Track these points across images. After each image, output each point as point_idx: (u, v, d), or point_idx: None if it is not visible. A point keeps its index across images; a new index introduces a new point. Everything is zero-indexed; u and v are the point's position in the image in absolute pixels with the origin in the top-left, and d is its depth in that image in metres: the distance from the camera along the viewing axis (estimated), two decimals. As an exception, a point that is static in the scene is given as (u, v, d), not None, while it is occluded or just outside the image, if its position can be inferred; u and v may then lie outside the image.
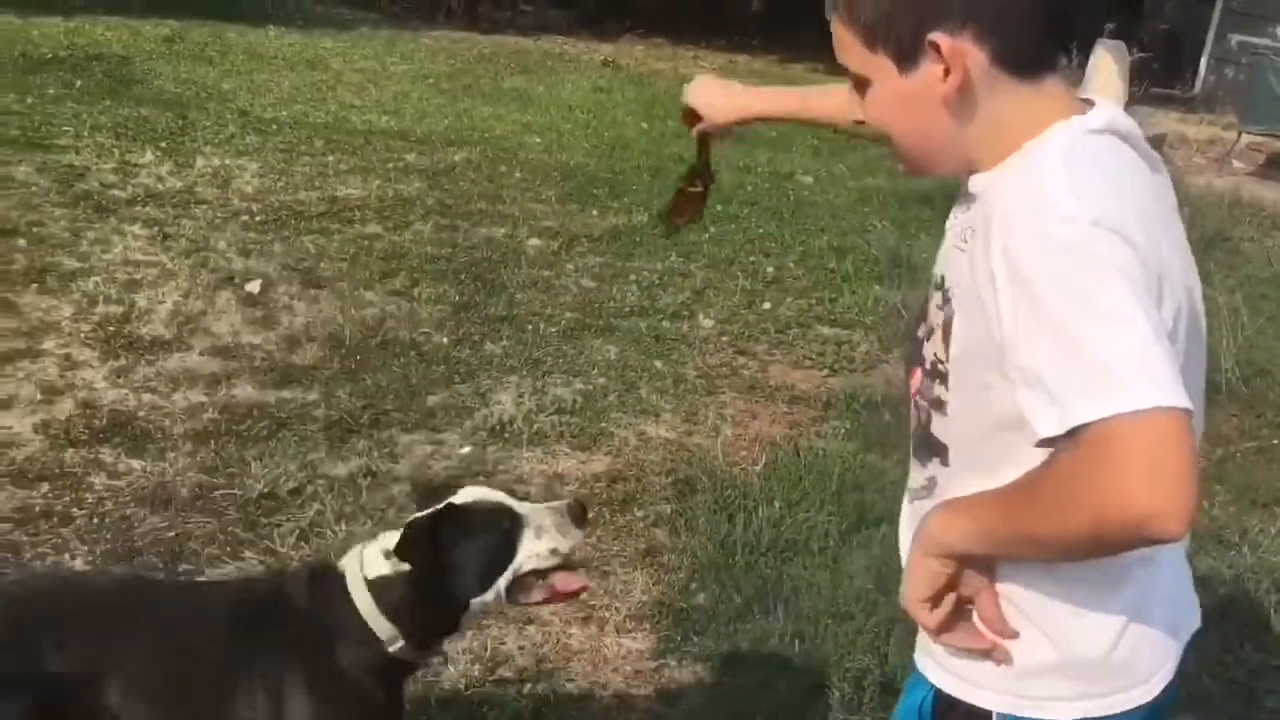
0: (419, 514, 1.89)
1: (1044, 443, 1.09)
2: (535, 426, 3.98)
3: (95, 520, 3.18)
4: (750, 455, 3.97)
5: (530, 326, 4.87)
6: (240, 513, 3.28)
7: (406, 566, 1.82)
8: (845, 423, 4.28)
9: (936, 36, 1.18)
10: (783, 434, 4.18)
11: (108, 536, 3.11)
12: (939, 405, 1.29)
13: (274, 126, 7.82)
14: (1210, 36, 14.95)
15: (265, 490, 3.38)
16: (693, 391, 4.46)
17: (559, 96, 10.27)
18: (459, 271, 5.44)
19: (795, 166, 8.42)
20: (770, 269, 5.98)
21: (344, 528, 3.23)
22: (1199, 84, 14.89)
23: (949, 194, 5.42)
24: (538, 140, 8.49)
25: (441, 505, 1.89)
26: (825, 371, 4.81)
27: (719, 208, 7.05)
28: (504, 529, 1.86)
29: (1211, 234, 6.92)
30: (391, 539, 1.85)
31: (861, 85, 1.28)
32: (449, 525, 1.84)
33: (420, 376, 4.28)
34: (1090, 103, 1.25)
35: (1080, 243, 1.08)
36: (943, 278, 1.29)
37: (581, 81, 11.25)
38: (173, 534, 3.16)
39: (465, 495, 1.92)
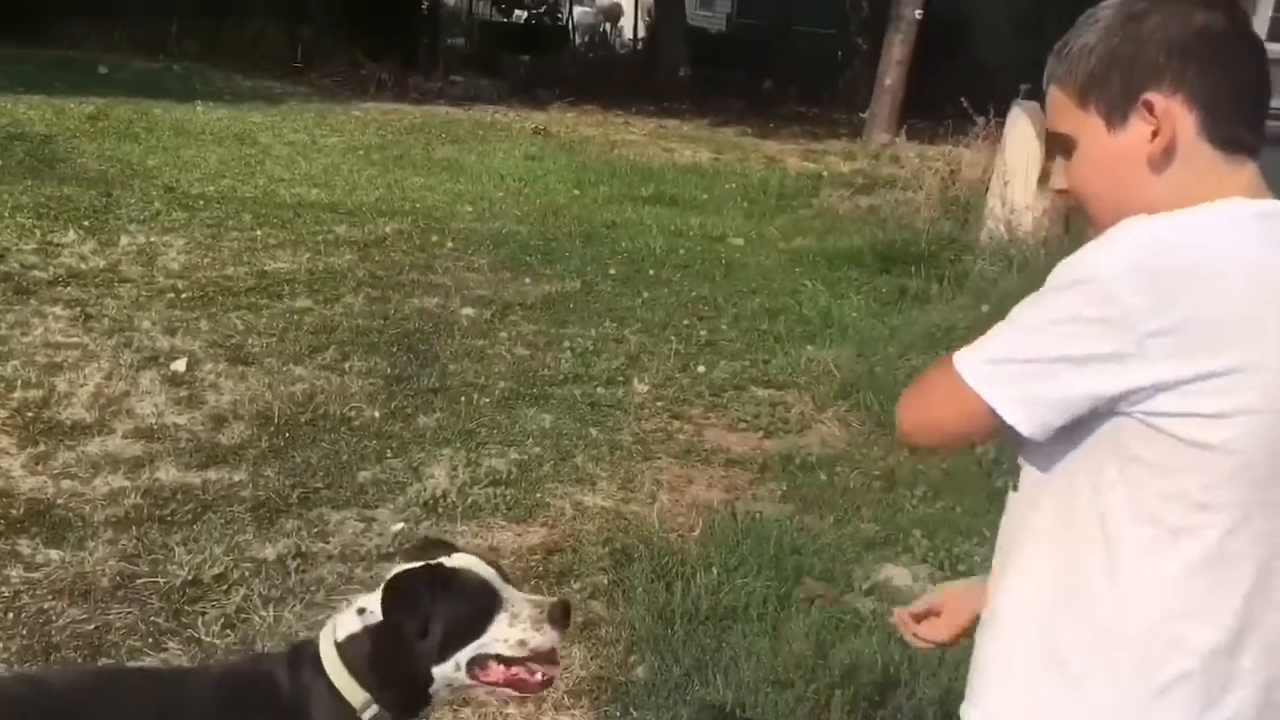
0: (407, 566, 1.87)
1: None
2: (470, 499, 3.93)
3: (10, 615, 3.06)
4: (687, 521, 3.94)
5: (464, 397, 4.83)
6: (163, 601, 3.18)
7: (377, 619, 1.79)
8: (781, 485, 4.28)
9: (1151, 96, 1.25)
10: (719, 498, 4.16)
11: (23, 632, 2.99)
12: None
13: (201, 202, 7.75)
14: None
15: (189, 577, 3.28)
16: (629, 458, 4.44)
17: (490, 165, 10.32)
18: (391, 343, 5.39)
19: (727, 229, 8.51)
20: (704, 332, 6.00)
21: (272, 612, 3.14)
22: None
23: (879, 253, 5.53)
24: (469, 209, 8.50)
25: (428, 562, 1.86)
26: (760, 433, 4.82)
27: (651, 272, 7.11)
28: (481, 604, 1.82)
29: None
30: (368, 598, 1.83)
31: (1069, 149, 1.34)
32: (429, 582, 1.81)
33: (351, 452, 4.21)
34: None
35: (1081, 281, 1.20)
36: None
37: (513, 150, 11.32)
38: (92, 626, 3.04)
39: (455, 560, 1.89)
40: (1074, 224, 7.56)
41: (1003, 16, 23.07)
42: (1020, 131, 7.43)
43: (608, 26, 25.79)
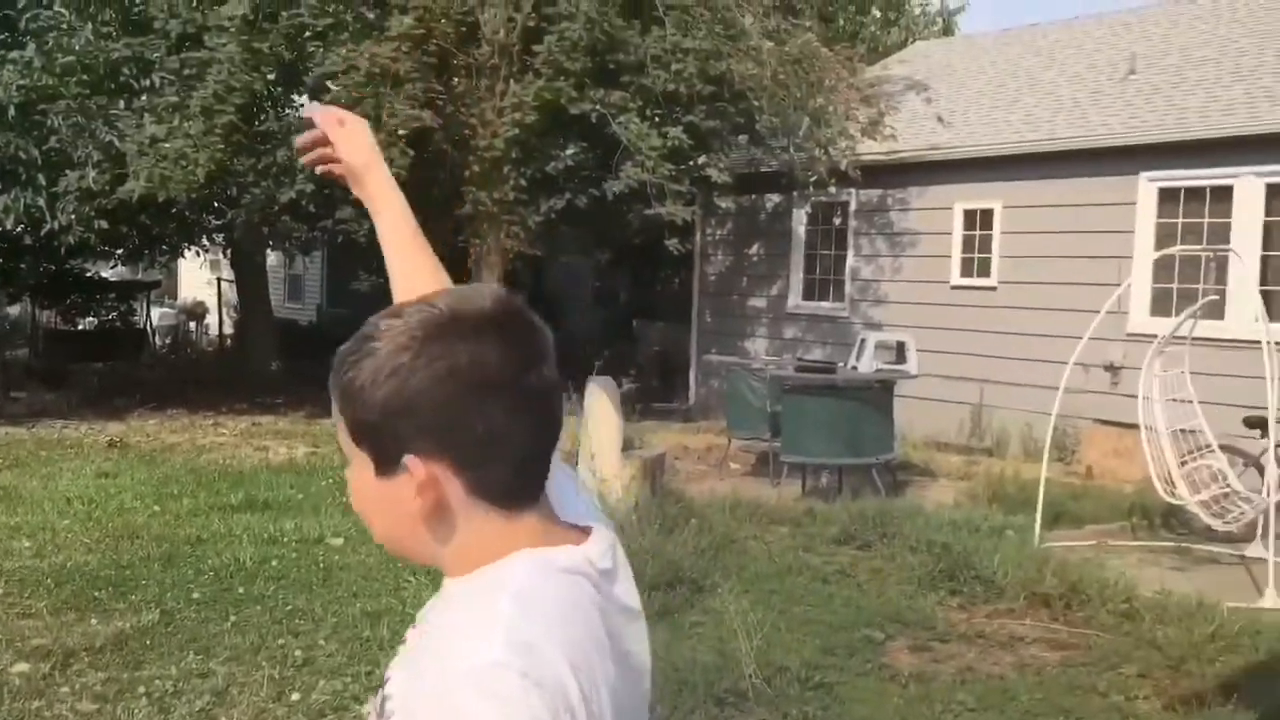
0: None
1: None
2: None
3: None
4: None
5: (11, 778, 4.16)
6: None
7: None
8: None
9: (410, 461, 1.17)
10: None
11: None
12: None
13: None
14: (693, 355, 16.92)
15: None
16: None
17: (55, 489, 9.42)
18: (-82, 725, 4.60)
19: (325, 530, 8.19)
20: (299, 651, 5.62)
21: None
22: (692, 397, 16.66)
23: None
24: (28, 544, 7.63)
25: None
26: (366, 758, 4.48)
27: (241, 590, 6.65)
28: None
29: (720, 538, 7.50)
30: None
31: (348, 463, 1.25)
32: None
33: None
34: (584, 532, 1.26)
35: (479, 683, 1.06)
36: (387, 679, 1.23)
37: (84, 468, 10.44)
38: None
39: None
40: (658, 489, 7.99)
41: (584, 287, 24.93)
42: (600, 404, 7.85)
43: (192, 325, 25.07)
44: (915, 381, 11.51)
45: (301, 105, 14.34)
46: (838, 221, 14.91)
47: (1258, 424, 8.13)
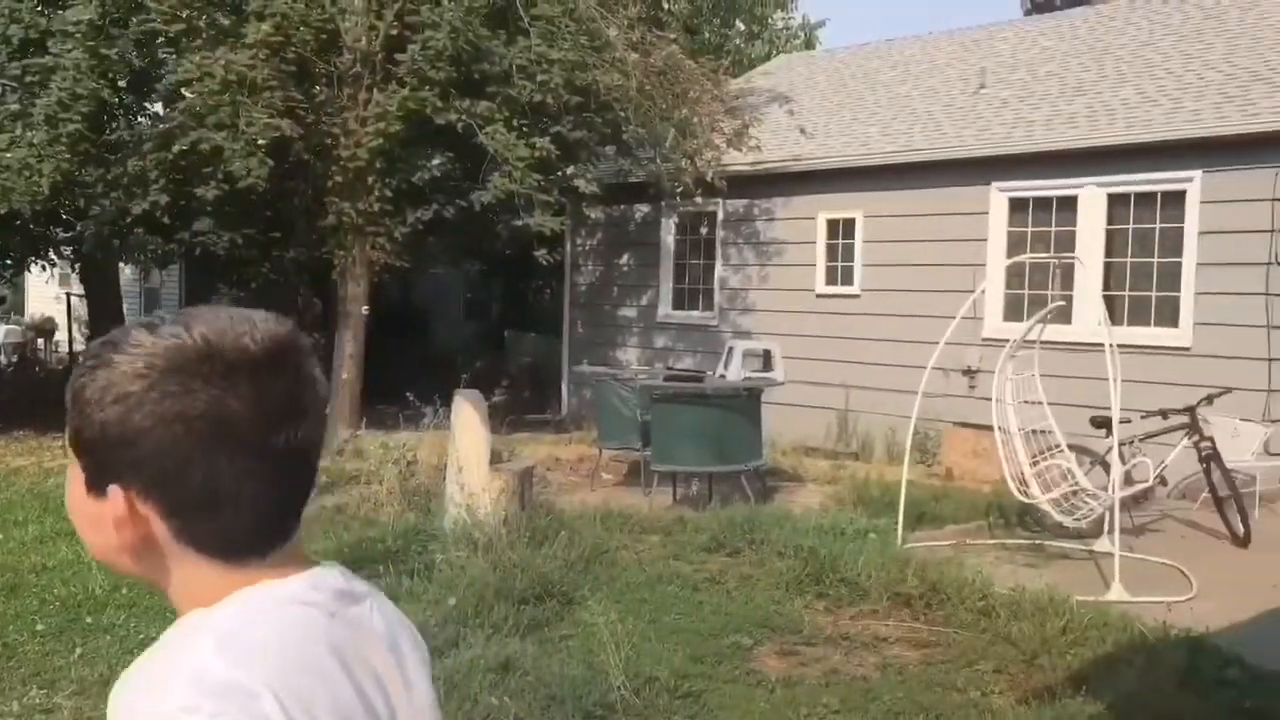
0: None
1: None
2: None
3: None
4: None
5: None
6: None
7: None
8: None
9: (114, 492, 1.08)
10: None
11: None
12: None
13: None
14: (564, 365, 16.89)
15: None
16: None
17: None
18: None
19: (181, 553, 7.89)
20: (153, 681, 5.39)
21: None
22: (564, 408, 16.63)
23: (345, 555, 5.29)
24: None
25: None
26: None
27: (89, 619, 6.35)
28: None
29: (590, 550, 7.48)
30: None
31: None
32: None
33: None
34: (313, 563, 1.20)
35: None
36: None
37: (-81, 495, 9.87)
38: None
39: None
40: (527, 501, 7.94)
41: (455, 299, 24.67)
42: (466, 417, 7.76)
43: (40, 342, 23.98)
44: (784, 388, 11.70)
45: (155, 113, 13.85)
46: (705, 231, 15.08)
47: (1103, 424, 8.49)
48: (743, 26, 25.63)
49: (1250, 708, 5.10)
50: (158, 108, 13.89)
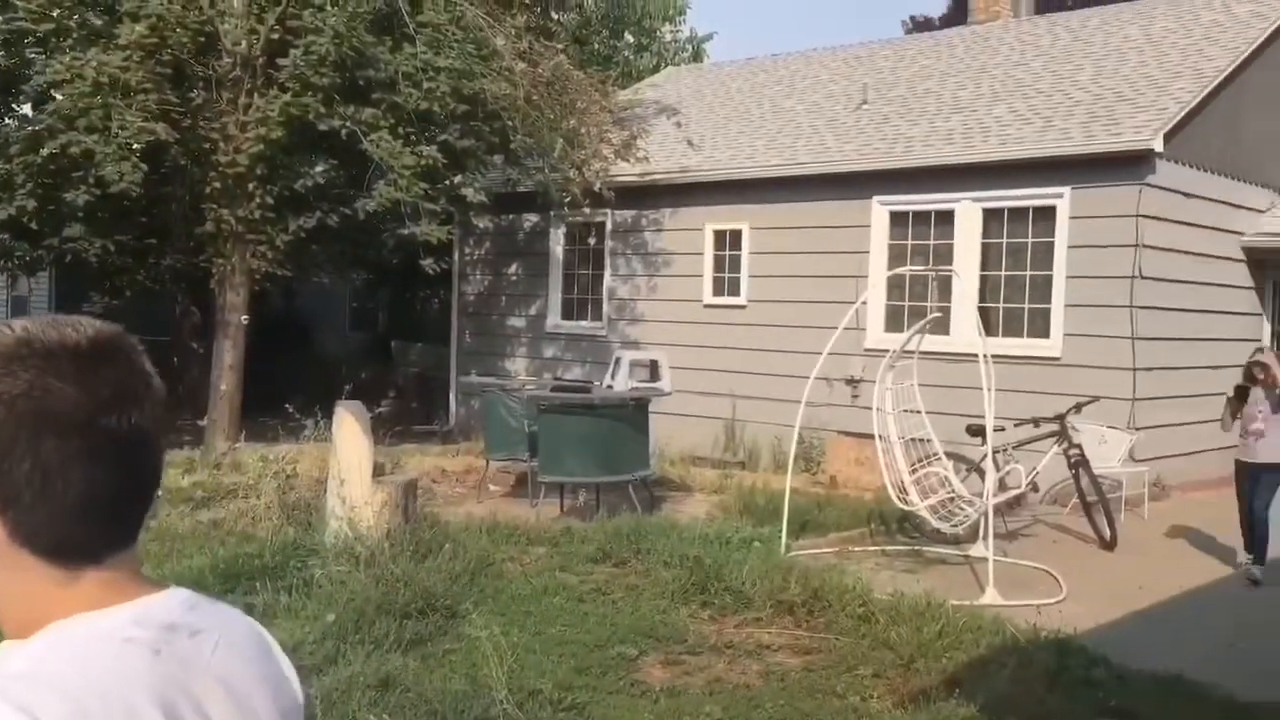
0: None
1: None
2: None
3: None
4: None
5: None
6: None
7: None
8: None
9: None
10: None
11: None
12: None
13: None
14: (453, 376, 16.73)
15: None
16: None
17: None
18: None
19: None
20: None
21: None
22: (452, 419, 16.46)
23: (222, 571, 5.13)
24: None
25: None
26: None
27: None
28: None
29: (475, 562, 7.41)
30: None
31: None
32: None
33: None
34: (160, 587, 1.14)
35: None
36: None
37: None
38: None
39: None
40: (411, 514, 7.83)
41: (341, 309, 24.23)
42: (347, 429, 7.62)
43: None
44: (673, 398, 11.78)
45: (24, 114, 13.30)
46: (594, 242, 15.11)
47: (979, 431, 8.75)
48: (632, 39, 25.77)
49: (1115, 706, 5.29)
50: (26, 109, 13.34)
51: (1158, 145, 10.51)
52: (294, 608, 6.46)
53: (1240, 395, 8.08)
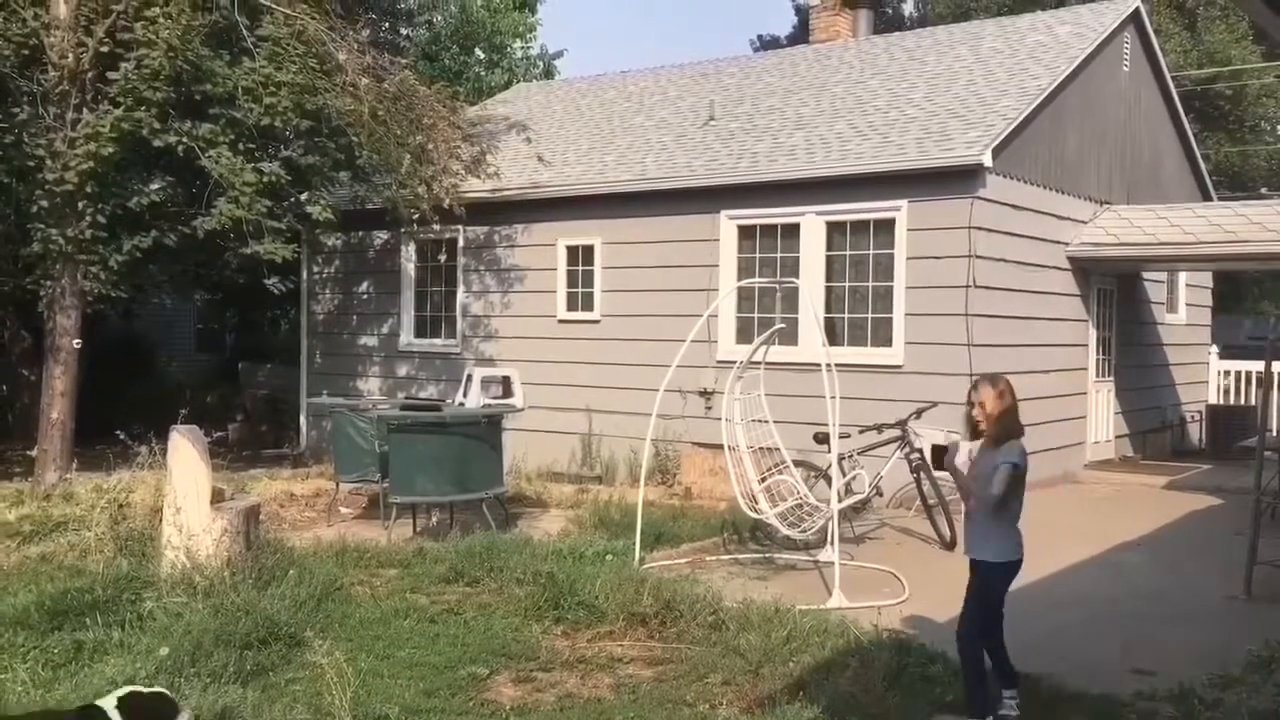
0: None
1: None
2: None
3: None
4: None
5: None
6: None
7: None
8: None
9: None
10: None
11: None
12: None
13: None
14: (303, 397, 16.31)
15: None
16: None
17: None
18: None
19: None
20: None
21: None
22: (303, 442, 16.04)
23: (49, 608, 4.95)
24: None
25: None
26: None
27: None
28: None
29: (322, 587, 7.22)
30: None
31: None
32: None
33: None
34: None
35: None
36: None
37: None
38: None
39: None
40: (254, 540, 7.59)
41: (184, 330, 23.36)
42: (183, 455, 7.35)
43: None
44: (529, 413, 11.72)
45: None
46: (446, 258, 14.96)
47: (825, 439, 8.95)
48: (483, 55, 25.65)
49: (951, 702, 5.47)
50: None
51: (987, 160, 10.96)
52: (127, 643, 6.18)
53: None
